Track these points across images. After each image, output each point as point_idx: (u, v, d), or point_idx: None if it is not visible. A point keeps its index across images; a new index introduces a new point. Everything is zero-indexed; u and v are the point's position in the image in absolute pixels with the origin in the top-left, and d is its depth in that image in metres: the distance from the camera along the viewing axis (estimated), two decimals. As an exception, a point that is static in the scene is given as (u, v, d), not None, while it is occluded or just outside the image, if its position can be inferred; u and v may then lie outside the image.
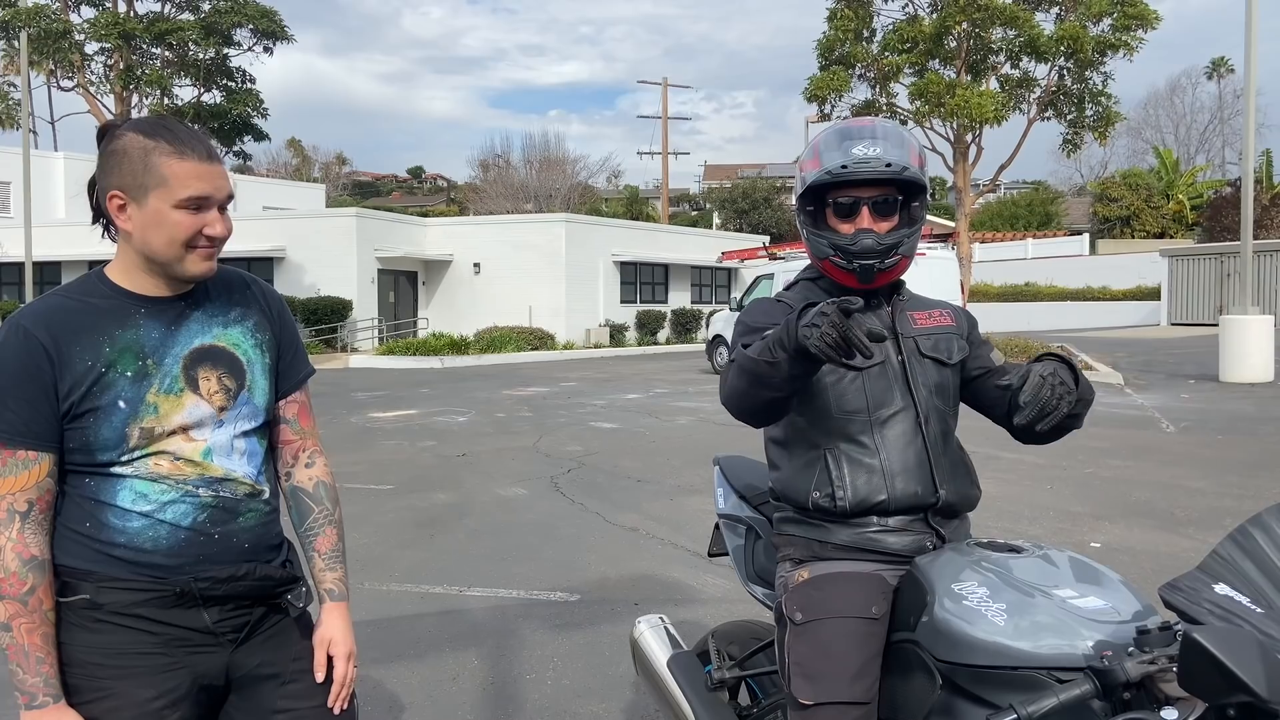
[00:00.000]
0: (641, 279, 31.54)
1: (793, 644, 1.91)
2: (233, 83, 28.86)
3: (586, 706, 3.60)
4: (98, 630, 1.58)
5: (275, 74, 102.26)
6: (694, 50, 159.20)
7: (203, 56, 27.68)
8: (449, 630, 4.42)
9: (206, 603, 1.63)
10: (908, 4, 23.00)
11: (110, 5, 27.05)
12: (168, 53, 27.71)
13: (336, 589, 1.80)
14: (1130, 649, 1.47)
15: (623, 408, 13.14)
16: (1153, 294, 30.65)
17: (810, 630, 1.89)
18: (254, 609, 1.70)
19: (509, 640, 4.28)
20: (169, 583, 1.60)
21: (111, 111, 26.85)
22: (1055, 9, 22.42)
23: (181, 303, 1.67)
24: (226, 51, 28.14)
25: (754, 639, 2.51)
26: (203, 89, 28.35)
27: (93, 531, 1.59)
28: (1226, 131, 56.21)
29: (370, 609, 4.62)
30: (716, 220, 50.90)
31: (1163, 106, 59.14)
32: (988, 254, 38.63)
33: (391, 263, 28.42)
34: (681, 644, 2.68)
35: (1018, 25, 21.26)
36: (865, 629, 1.86)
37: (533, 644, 4.23)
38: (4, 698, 3.30)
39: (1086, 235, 42.40)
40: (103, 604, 1.58)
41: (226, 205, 1.64)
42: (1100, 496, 7.05)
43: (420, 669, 3.97)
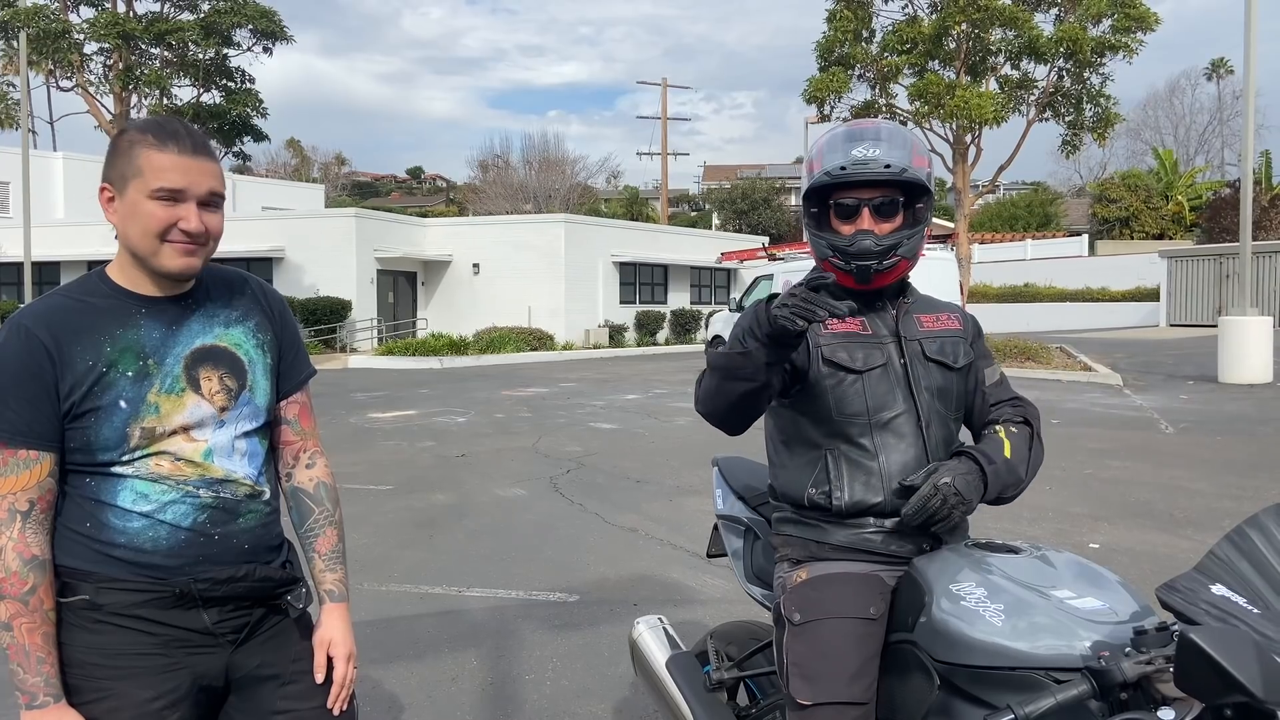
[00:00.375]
0: (641, 279, 31.53)
1: (791, 644, 1.91)
2: (232, 83, 28.80)
3: (585, 707, 3.60)
4: (97, 631, 1.59)
5: (275, 74, 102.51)
6: (693, 51, 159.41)
7: (202, 57, 27.62)
8: (448, 631, 4.43)
9: (206, 604, 1.63)
10: (907, 5, 22.98)
11: (109, 5, 27.01)
12: (167, 53, 27.65)
13: (336, 590, 1.81)
14: (1127, 649, 1.47)
15: (622, 408, 13.14)
16: (1152, 295, 30.65)
17: (808, 631, 1.89)
18: (253, 610, 1.70)
19: (508, 641, 4.28)
20: (169, 583, 1.60)
21: (110, 112, 26.83)
22: (1055, 10, 22.42)
23: (183, 303, 1.67)
24: (226, 52, 28.08)
25: (753, 640, 2.51)
26: (202, 89, 28.29)
27: (93, 532, 1.59)
28: (1226, 132, 56.28)
29: (369, 609, 4.62)
30: (716, 221, 50.98)
31: (1162, 107, 59.21)
32: (987, 255, 38.65)
33: (390, 263, 28.41)
34: (680, 645, 2.68)
35: (1017, 26, 21.24)
36: (863, 629, 1.87)
37: (532, 644, 4.23)
38: (4, 698, 3.31)
39: (1086, 236, 42.41)
40: (102, 605, 1.58)
41: (211, 202, 1.61)
42: (1099, 497, 7.05)
43: (419, 669, 3.97)
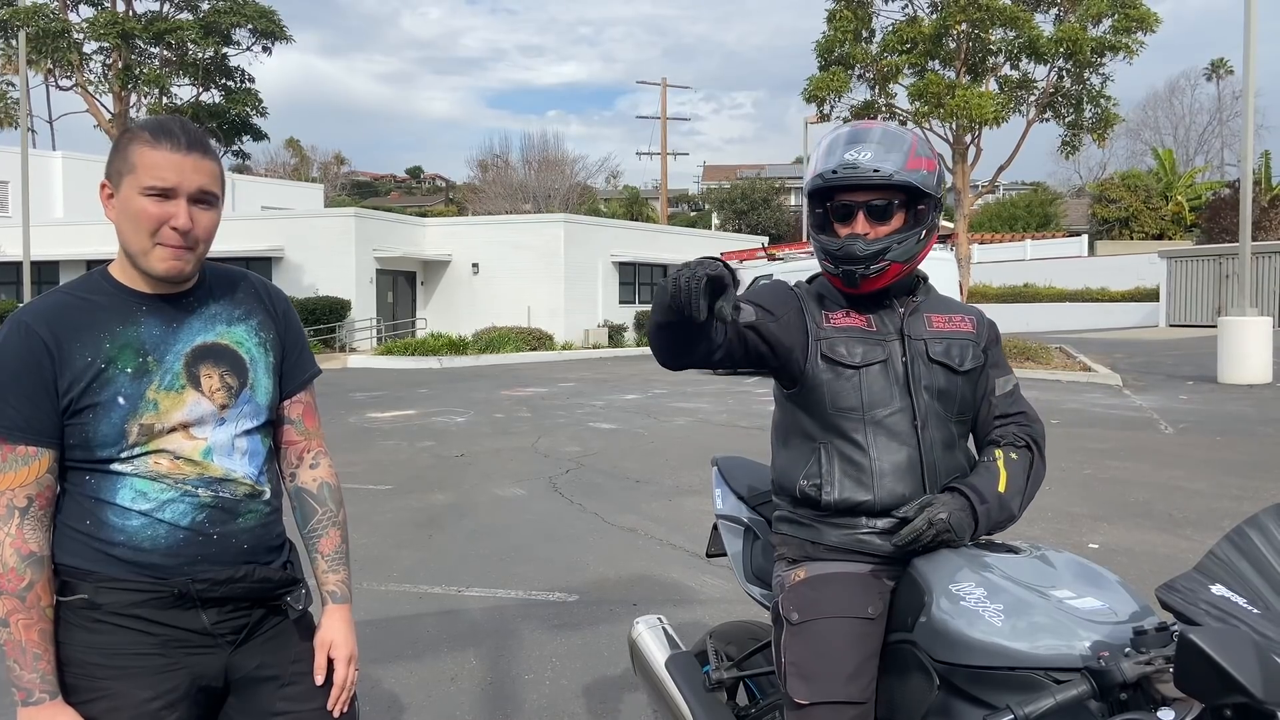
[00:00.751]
0: (640, 279, 31.53)
1: (789, 644, 1.91)
2: (231, 82, 28.80)
3: (585, 707, 3.60)
4: (96, 630, 1.58)
5: (274, 74, 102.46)
6: (693, 51, 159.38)
7: (201, 56, 27.61)
8: (447, 630, 4.42)
9: (204, 604, 1.63)
10: (907, 5, 22.98)
11: (109, 4, 27.00)
12: (166, 52, 27.64)
13: (339, 591, 1.80)
14: (1127, 650, 1.47)
15: (621, 408, 13.14)
16: (1151, 295, 30.66)
17: (806, 630, 1.89)
18: (253, 611, 1.69)
19: (507, 640, 4.28)
20: (167, 583, 1.60)
21: (110, 111, 26.83)
22: (1054, 10, 22.42)
23: (184, 300, 1.67)
24: (225, 51, 28.08)
25: (752, 639, 2.51)
26: (201, 89, 28.29)
27: (92, 530, 1.59)
28: (1225, 133, 56.32)
29: (369, 609, 4.62)
30: (715, 221, 50.95)
31: (1162, 108, 59.27)
32: (987, 255, 38.68)
33: (390, 263, 28.40)
34: (680, 644, 2.68)
35: (1017, 26, 21.24)
36: (861, 629, 1.87)
37: (531, 644, 4.23)
38: (2, 695, 3.30)
39: (1085, 236, 42.42)
40: (101, 604, 1.58)
41: (203, 199, 1.59)
42: (1098, 497, 7.05)
43: (419, 669, 3.97)
